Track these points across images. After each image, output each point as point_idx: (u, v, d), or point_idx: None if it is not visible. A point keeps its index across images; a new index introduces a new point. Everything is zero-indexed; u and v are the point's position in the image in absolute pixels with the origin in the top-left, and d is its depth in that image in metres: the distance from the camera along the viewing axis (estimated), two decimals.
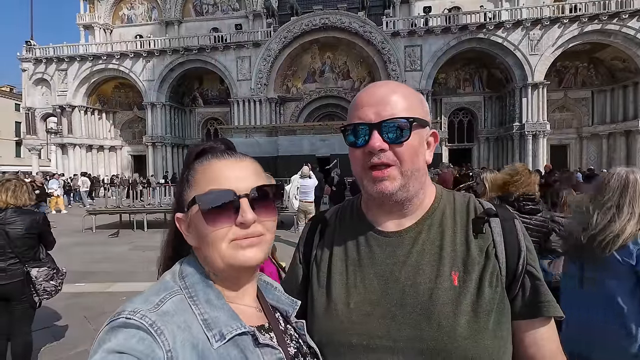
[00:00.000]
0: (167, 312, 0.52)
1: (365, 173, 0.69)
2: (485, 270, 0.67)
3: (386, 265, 0.70)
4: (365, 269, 0.72)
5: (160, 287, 0.57)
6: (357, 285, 0.71)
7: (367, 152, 0.67)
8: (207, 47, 26.49)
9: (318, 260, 0.78)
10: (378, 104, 0.67)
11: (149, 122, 28.04)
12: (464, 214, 0.73)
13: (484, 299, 0.65)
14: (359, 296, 0.70)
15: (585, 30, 22.23)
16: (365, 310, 0.68)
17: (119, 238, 9.36)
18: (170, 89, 28.13)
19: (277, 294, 0.71)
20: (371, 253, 0.72)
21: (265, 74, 25.97)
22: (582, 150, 25.84)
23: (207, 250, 0.58)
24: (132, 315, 0.50)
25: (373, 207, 0.76)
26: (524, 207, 2.57)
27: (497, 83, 25.87)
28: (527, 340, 0.69)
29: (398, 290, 0.68)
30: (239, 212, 0.57)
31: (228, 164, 0.61)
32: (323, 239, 0.80)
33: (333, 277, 0.74)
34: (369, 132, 0.67)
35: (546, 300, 0.69)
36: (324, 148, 19.98)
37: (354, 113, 0.71)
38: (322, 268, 0.76)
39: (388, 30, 24.35)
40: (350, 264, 0.73)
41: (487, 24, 23.04)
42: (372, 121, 0.67)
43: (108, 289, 5.11)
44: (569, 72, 25.19)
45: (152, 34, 28.97)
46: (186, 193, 0.61)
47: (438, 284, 0.66)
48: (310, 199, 7.75)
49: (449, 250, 0.69)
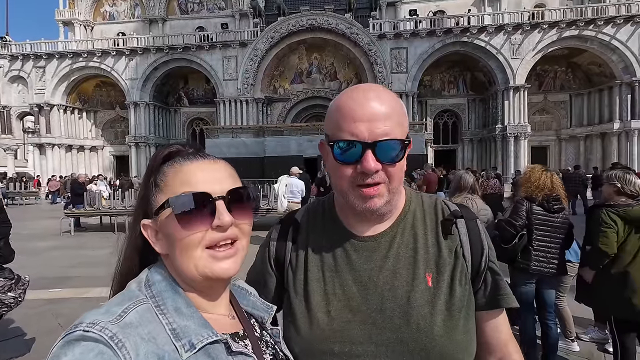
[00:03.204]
0: (131, 323, 0.49)
1: (353, 190, 0.67)
2: (456, 270, 0.70)
3: (364, 270, 0.70)
4: (342, 275, 0.71)
5: (124, 297, 0.53)
6: (336, 292, 0.70)
7: (359, 171, 0.65)
8: (192, 46, 26.10)
9: (293, 267, 0.75)
10: (370, 120, 0.64)
11: (132, 121, 27.39)
12: (432, 216, 0.76)
13: (455, 297, 0.69)
14: (339, 303, 0.69)
15: (563, 35, 23.05)
16: (346, 317, 0.68)
17: (99, 241, 9.08)
18: (154, 88, 27.56)
19: (252, 299, 0.68)
20: (348, 258, 0.71)
21: (252, 74, 25.78)
22: (561, 152, 26.74)
23: (180, 258, 0.55)
24: (91, 327, 0.47)
25: (349, 213, 0.74)
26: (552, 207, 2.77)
27: (480, 86, 26.48)
28: (488, 329, 0.75)
29: (377, 295, 0.68)
30: (216, 215, 0.55)
31: (201, 166, 0.58)
32: (296, 243, 0.77)
33: (310, 284, 0.72)
34: (361, 151, 0.64)
35: (505, 292, 0.74)
36: (312, 149, 19.91)
37: (343, 126, 0.66)
38: (298, 275, 0.74)
39: (375, 32, 24.58)
40: (326, 269, 0.72)
41: (471, 27, 23.58)
42: (367, 140, 0.64)
43: (85, 294, 4.94)
44: (548, 76, 26.04)
45: (135, 32, 28.33)
46: (155, 197, 0.57)
47: (414, 287, 0.68)
48: (296, 199, 7.73)
49: (422, 252, 0.71)
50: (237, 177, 0.62)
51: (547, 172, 2.89)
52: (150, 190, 0.58)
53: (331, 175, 0.73)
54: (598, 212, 2.66)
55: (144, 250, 0.60)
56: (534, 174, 2.89)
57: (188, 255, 0.55)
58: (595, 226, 2.64)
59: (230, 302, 0.65)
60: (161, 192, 0.57)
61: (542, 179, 2.84)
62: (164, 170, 0.59)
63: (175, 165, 0.58)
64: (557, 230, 2.81)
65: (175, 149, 0.62)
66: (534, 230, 2.80)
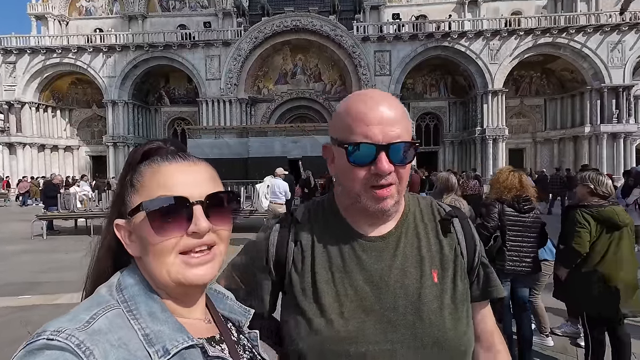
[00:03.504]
0: (100, 329, 0.47)
1: (366, 191, 0.69)
2: (457, 266, 0.75)
3: (375, 270, 0.71)
4: (353, 275, 0.71)
5: (93, 303, 0.51)
6: (348, 293, 0.70)
7: (373, 172, 0.68)
8: (173, 44, 25.55)
9: (298, 268, 0.74)
10: (383, 123, 0.67)
11: (110, 120, 26.51)
12: (430, 216, 0.80)
13: (458, 291, 0.73)
14: (351, 304, 0.69)
15: (538, 42, 23.99)
16: (360, 317, 0.68)
17: (73, 244, 8.70)
18: (133, 87, 26.78)
19: (229, 303, 0.67)
20: (357, 259, 0.72)
21: (236, 74, 25.49)
22: (536, 154, 27.82)
23: (152, 263, 0.53)
24: (56, 335, 0.44)
25: (355, 212, 0.75)
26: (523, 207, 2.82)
27: (460, 89, 27.19)
28: (476, 320, 0.80)
29: (390, 294, 0.70)
30: (192, 221, 0.52)
31: (180, 167, 0.56)
32: (299, 244, 0.75)
33: (320, 286, 0.71)
34: (375, 154, 0.67)
35: (496, 284, 0.81)
36: (296, 150, 19.84)
37: (356, 129, 0.68)
38: (304, 277, 0.73)
39: (358, 34, 24.81)
40: (335, 270, 0.72)
41: (452, 32, 24.18)
42: (381, 142, 0.67)
43: (56, 300, 4.73)
44: (524, 81, 27.04)
45: (114, 28, 27.44)
46: (130, 198, 0.55)
47: (423, 283, 0.71)
48: (279, 200, 7.63)
49: (425, 250, 0.74)
50: (219, 180, 0.60)
51: (515, 173, 2.94)
52: (126, 190, 0.56)
53: (341, 178, 0.73)
54: (573, 212, 2.76)
55: (118, 252, 0.57)
56: (502, 175, 2.94)
57: (161, 261, 0.52)
58: (570, 226, 2.74)
59: (207, 306, 0.63)
60: (136, 193, 0.55)
61: (509, 179, 2.88)
62: (141, 169, 0.56)
63: (153, 165, 0.56)
64: (529, 230, 2.87)
65: (156, 146, 0.59)
66: (507, 231, 2.85)
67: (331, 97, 27.31)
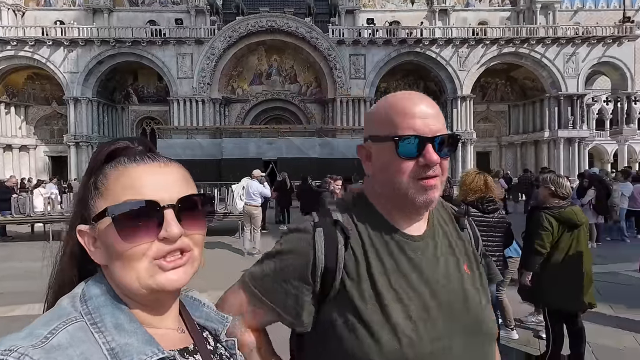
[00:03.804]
0: (59, 345, 0.43)
1: (414, 183, 0.70)
2: (476, 257, 0.82)
3: (425, 268, 0.73)
4: (408, 277, 0.71)
5: (53, 316, 0.47)
6: (410, 296, 0.70)
7: (422, 164, 0.69)
8: (143, 41, 24.51)
9: (352, 275, 0.70)
10: (427, 117, 0.70)
11: (72, 119, 24.95)
12: (445, 214, 0.84)
13: (483, 279, 0.80)
14: (414, 306, 0.69)
15: (502, 51, 25.41)
16: (424, 317, 0.69)
17: (28, 251, 8.04)
18: (98, 83, 25.40)
19: (205, 310, 0.64)
20: (408, 259, 0.72)
21: (209, 73, 24.87)
22: (501, 157, 29.42)
23: (120, 270, 0.49)
24: (7, 354, 0.40)
25: (395, 211, 0.75)
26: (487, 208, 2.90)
27: (432, 94, 28.03)
28: None
29: (442, 291, 0.72)
30: (163, 226, 0.49)
31: (149, 169, 0.52)
32: (350, 247, 0.72)
33: (381, 291, 0.69)
34: (423, 146, 0.69)
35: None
36: (271, 151, 19.66)
37: (402, 123, 0.70)
38: (362, 284, 0.70)
39: (334, 37, 25.05)
40: (390, 273, 0.71)
41: (423, 39, 25.06)
42: (427, 134, 0.69)
43: (10, 312, 4.39)
44: (490, 87, 28.53)
45: (77, 21, 25.91)
46: (94, 202, 0.51)
47: (462, 276, 0.75)
48: (254, 202, 7.50)
49: (454, 245, 0.79)
50: (192, 182, 0.56)
51: (480, 175, 3.01)
52: (89, 193, 0.52)
53: (384, 173, 0.73)
54: (537, 213, 2.94)
55: (82, 260, 0.53)
56: (468, 178, 3.01)
57: (130, 267, 0.49)
58: (534, 227, 2.91)
59: (181, 315, 0.59)
60: (101, 196, 0.51)
61: (475, 181, 2.95)
62: (106, 171, 0.52)
63: (119, 167, 0.52)
64: (494, 230, 2.94)
65: (123, 145, 0.55)
66: None
67: (307, 98, 27.35)
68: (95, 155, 0.54)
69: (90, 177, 0.53)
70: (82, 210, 0.52)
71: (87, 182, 0.53)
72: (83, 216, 0.52)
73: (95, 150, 0.55)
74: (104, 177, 0.51)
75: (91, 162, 0.54)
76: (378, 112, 0.75)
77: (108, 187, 0.50)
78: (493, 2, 28.96)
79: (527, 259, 2.98)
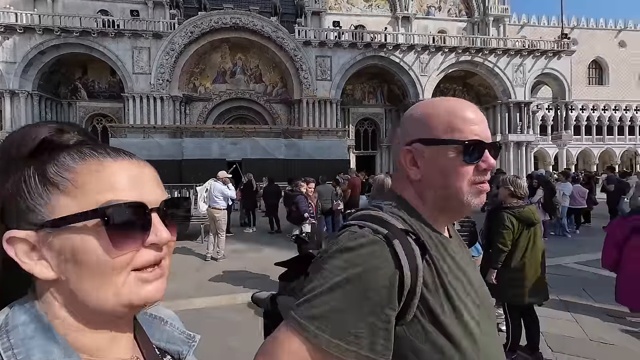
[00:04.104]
0: None
1: (471, 187, 0.72)
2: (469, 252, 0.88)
3: (465, 269, 0.75)
4: (460, 279, 0.73)
5: None
6: (469, 294, 0.71)
7: (482, 169, 0.72)
8: (93, 31, 22.63)
9: (430, 287, 0.66)
10: (483, 123, 0.73)
11: (8, 114, 22.33)
12: None
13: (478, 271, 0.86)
14: (471, 305, 0.70)
15: (460, 59, 26.95)
16: (477, 315, 0.70)
17: None
18: (40, 76, 23.02)
19: (167, 329, 0.55)
20: (454, 261, 0.74)
21: (169, 69, 23.57)
22: None
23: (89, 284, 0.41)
24: None
25: (438, 214, 0.76)
26: None
27: (395, 98, 29.10)
28: None
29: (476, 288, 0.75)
30: (151, 231, 0.44)
31: (129, 167, 0.45)
32: (425, 258, 0.67)
33: (452, 299, 0.67)
34: (483, 151, 0.71)
35: None
36: (235, 152, 19.03)
37: (464, 127, 0.70)
38: (437, 295, 0.66)
39: (300, 38, 24.94)
40: (451, 278, 0.70)
41: (387, 44, 25.82)
42: (487, 140, 0.72)
43: None
44: (449, 93, 30.02)
45: (13, 6, 23.27)
46: (46, 201, 0.41)
47: (477, 272, 0.80)
48: (218, 205, 7.12)
49: (464, 244, 0.84)
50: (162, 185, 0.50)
51: None
52: (30, 188, 0.42)
53: (439, 178, 0.71)
54: (499, 213, 3.10)
55: (4, 278, 0.44)
56: None
57: (108, 281, 0.41)
58: (496, 226, 3.07)
59: (135, 339, 0.51)
60: (66, 194, 0.42)
61: None
62: (67, 163, 0.43)
63: (90, 160, 0.43)
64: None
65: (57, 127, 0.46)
66: None
67: (272, 99, 26.94)
68: (20, 140, 0.43)
69: (23, 168, 0.42)
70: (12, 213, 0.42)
71: (31, 175, 0.42)
72: (11, 220, 0.42)
73: (13, 136, 0.44)
74: (64, 171, 0.42)
75: (17, 148, 0.43)
76: (436, 115, 0.72)
77: (78, 184, 0.41)
78: (451, 12, 30.67)
79: (491, 257, 3.11)
